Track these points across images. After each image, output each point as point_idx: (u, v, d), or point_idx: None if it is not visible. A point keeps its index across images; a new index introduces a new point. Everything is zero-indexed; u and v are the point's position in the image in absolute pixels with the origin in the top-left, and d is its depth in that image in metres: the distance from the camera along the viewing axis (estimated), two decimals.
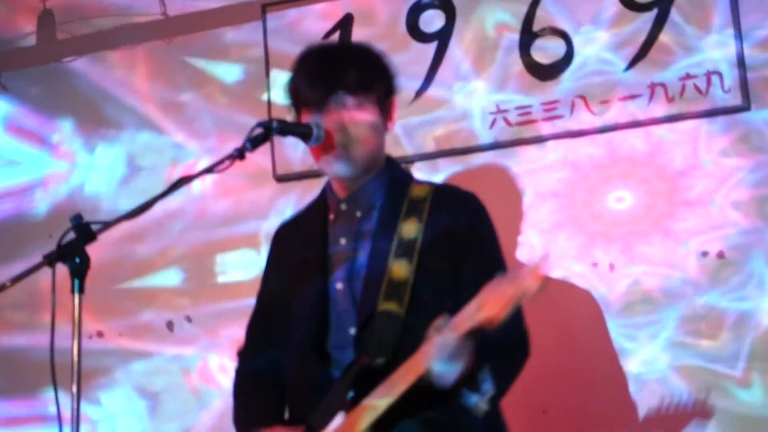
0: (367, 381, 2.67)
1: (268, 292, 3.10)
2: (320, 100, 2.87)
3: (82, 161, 5.03)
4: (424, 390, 2.59)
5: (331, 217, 2.97)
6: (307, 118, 2.89)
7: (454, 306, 2.66)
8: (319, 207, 3.02)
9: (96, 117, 5.02)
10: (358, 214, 2.93)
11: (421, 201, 2.89)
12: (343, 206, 2.95)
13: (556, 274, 4.13)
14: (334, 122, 2.85)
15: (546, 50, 4.28)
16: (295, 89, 2.95)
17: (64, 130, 5.07)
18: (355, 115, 2.86)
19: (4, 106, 5.18)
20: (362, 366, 2.73)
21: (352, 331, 2.81)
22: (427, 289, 2.79)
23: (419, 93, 4.39)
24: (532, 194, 4.25)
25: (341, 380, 2.75)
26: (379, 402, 2.63)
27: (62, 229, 2.49)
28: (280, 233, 3.15)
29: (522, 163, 4.27)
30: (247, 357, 3.12)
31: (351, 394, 2.68)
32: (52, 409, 2.39)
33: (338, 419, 2.68)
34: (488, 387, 2.65)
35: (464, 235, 2.85)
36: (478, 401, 2.64)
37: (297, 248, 3.01)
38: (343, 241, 2.91)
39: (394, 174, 2.98)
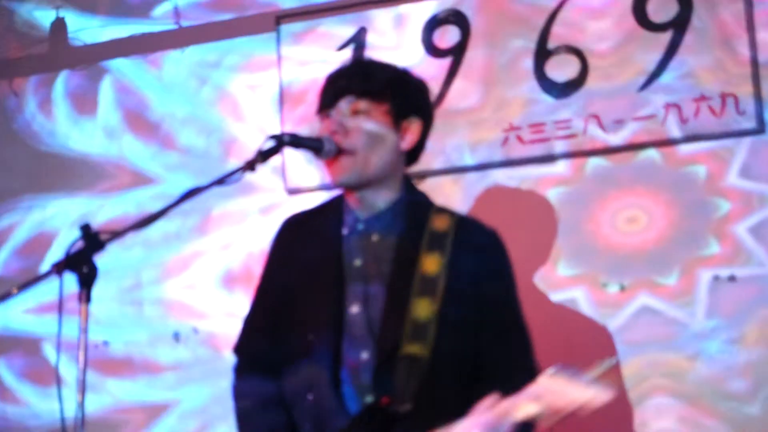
0: (386, 426, 2.64)
1: (274, 292, 2.97)
2: (330, 102, 2.87)
3: None
4: None
5: (345, 231, 2.90)
6: (322, 121, 2.88)
7: (475, 354, 2.71)
8: (333, 216, 2.94)
9: None
10: (375, 238, 2.87)
11: (444, 235, 2.84)
12: (360, 226, 2.88)
13: (564, 295, 4.12)
14: (337, 122, 2.82)
15: (560, 68, 4.26)
16: (319, 95, 2.94)
17: None
18: (360, 119, 2.83)
19: None
20: (382, 409, 2.67)
21: (365, 356, 2.75)
22: (451, 332, 2.71)
23: (433, 108, 4.36)
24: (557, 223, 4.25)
25: (359, 421, 2.69)
26: None
27: None
28: (288, 230, 3.03)
29: (534, 181, 4.25)
30: (248, 358, 3.01)
31: None
32: None
33: None
34: None
35: (486, 276, 2.81)
36: None
37: (309, 254, 2.91)
38: (358, 262, 2.85)
39: (413, 199, 2.92)
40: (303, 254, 2.93)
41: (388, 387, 2.69)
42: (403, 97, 2.90)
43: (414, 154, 2.96)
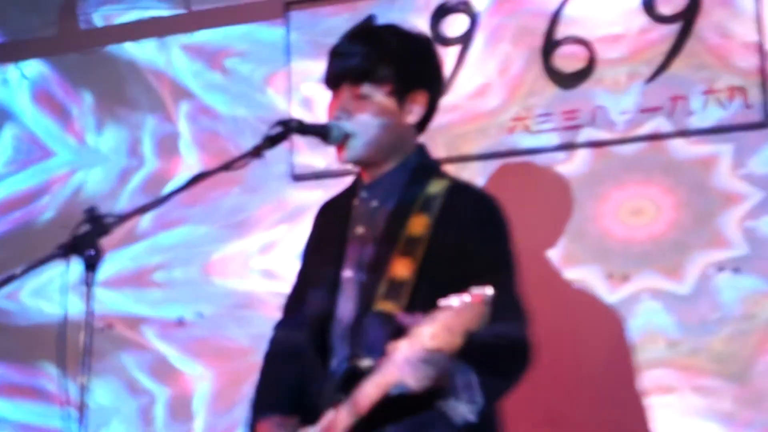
0: (355, 383, 2.64)
1: (302, 271, 3.12)
2: (333, 84, 2.93)
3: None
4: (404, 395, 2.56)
5: (356, 203, 2.97)
6: (332, 98, 2.94)
7: None
8: (350, 192, 3.04)
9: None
10: (374, 203, 2.92)
11: (435, 197, 2.86)
12: (364, 194, 2.95)
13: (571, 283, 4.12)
14: (341, 107, 2.87)
15: (568, 58, 4.26)
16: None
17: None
18: (362, 103, 2.86)
19: None
20: (351, 367, 2.71)
21: (353, 318, 2.81)
22: (428, 292, 2.66)
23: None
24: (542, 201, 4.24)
25: (332, 380, 2.75)
26: (358, 404, 2.62)
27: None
28: (320, 211, 3.16)
29: (533, 171, 4.25)
30: (279, 331, 3.13)
31: (339, 395, 2.67)
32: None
33: (328, 417, 2.68)
34: (477, 398, 2.59)
35: (473, 235, 2.80)
36: (463, 411, 2.59)
37: (325, 230, 3.05)
38: (360, 230, 2.91)
39: (419, 165, 2.95)
40: (322, 233, 3.06)
41: (360, 343, 2.73)
42: (405, 73, 2.90)
43: (424, 121, 2.99)
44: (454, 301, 2.42)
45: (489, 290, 2.40)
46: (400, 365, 2.51)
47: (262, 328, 3.24)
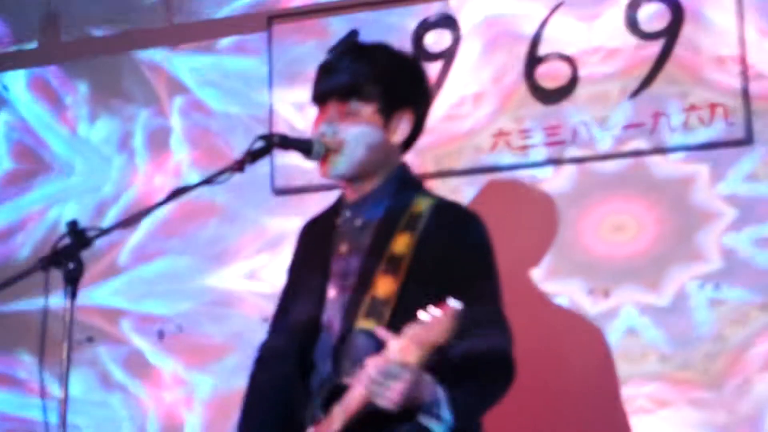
0: (335, 401, 2.64)
1: (287, 289, 3.09)
2: (320, 100, 2.91)
3: None
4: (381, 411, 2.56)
5: (338, 221, 2.96)
6: (317, 113, 2.92)
7: None
8: (333, 210, 3.02)
9: None
10: (359, 222, 2.91)
11: (419, 215, 2.85)
12: (348, 213, 2.94)
13: (553, 300, 4.12)
14: (327, 124, 2.86)
15: (550, 75, 4.26)
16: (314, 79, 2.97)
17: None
18: (348, 121, 2.85)
19: None
20: (333, 385, 2.70)
21: (335, 342, 2.80)
22: (410, 310, 2.63)
23: None
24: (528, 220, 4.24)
25: (315, 399, 2.73)
26: (333, 423, 2.62)
27: None
28: (304, 230, 3.15)
29: (519, 189, 4.25)
30: (263, 351, 3.09)
31: (320, 413, 2.67)
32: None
33: None
34: (445, 414, 2.58)
35: (457, 254, 2.80)
36: (433, 426, 2.59)
37: (310, 249, 3.03)
38: (343, 248, 2.90)
39: (403, 184, 2.95)
40: (306, 251, 3.05)
41: (343, 362, 2.73)
42: (392, 92, 2.91)
43: (410, 140, 2.99)
44: (424, 315, 2.42)
45: (457, 304, 2.41)
46: (366, 383, 2.52)
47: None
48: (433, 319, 2.42)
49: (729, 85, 4.01)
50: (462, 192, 4.25)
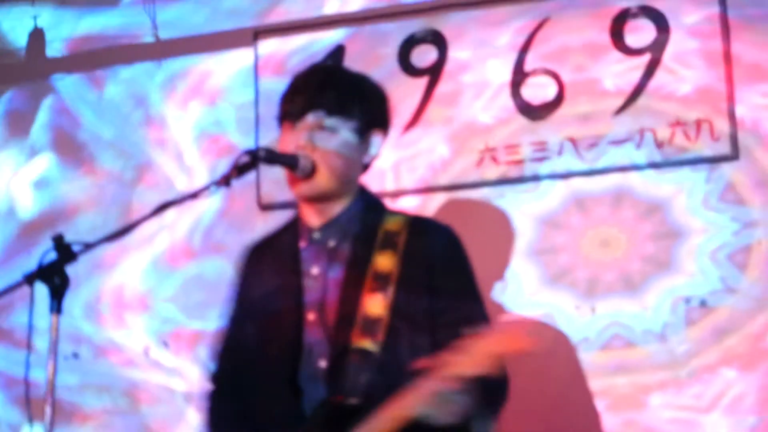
0: (338, 421, 2.63)
1: (241, 320, 2.98)
2: (298, 114, 2.85)
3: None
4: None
5: (302, 244, 2.91)
6: (285, 130, 2.88)
7: (431, 344, 2.67)
8: (291, 232, 2.96)
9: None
10: (332, 243, 2.87)
11: (396, 233, 2.85)
12: (316, 235, 2.89)
13: (535, 314, 4.12)
14: (306, 138, 2.81)
15: (537, 90, 4.27)
16: (281, 100, 2.93)
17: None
18: (327, 135, 2.82)
19: None
20: (334, 405, 2.68)
21: (323, 363, 2.77)
22: (402, 325, 2.73)
23: (408, 127, 4.38)
24: (515, 234, 4.25)
25: (312, 419, 2.70)
26: None
27: None
28: (252, 256, 3.05)
29: (508, 203, 4.26)
30: (220, 381, 3.01)
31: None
32: None
33: None
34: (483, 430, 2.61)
35: (440, 269, 2.81)
36: None
37: (269, 274, 2.94)
38: (315, 270, 2.86)
39: (367, 203, 2.93)
40: (264, 276, 2.95)
41: (340, 382, 2.70)
42: (370, 112, 2.91)
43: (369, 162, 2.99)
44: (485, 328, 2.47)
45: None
46: (427, 397, 2.51)
47: None
48: (499, 331, 2.44)
49: (715, 101, 4.03)
50: (447, 208, 4.25)
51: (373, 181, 3.02)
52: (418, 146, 4.33)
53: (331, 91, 2.86)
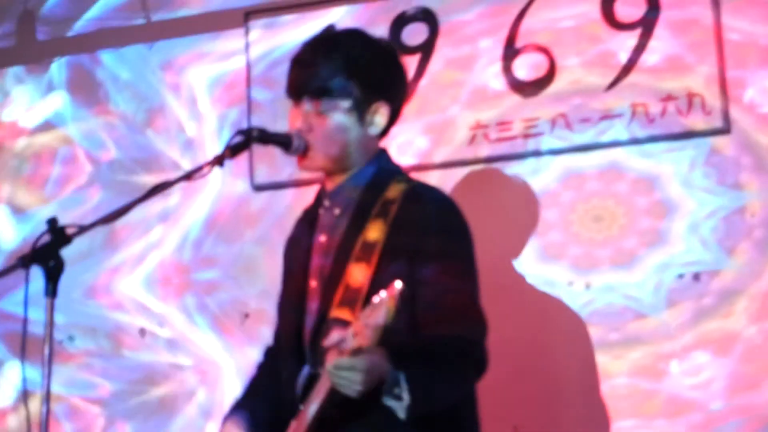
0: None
1: (282, 280, 3.06)
2: (295, 95, 2.87)
3: None
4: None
5: (321, 212, 2.94)
6: (292, 107, 2.89)
7: (409, 317, 2.65)
8: (316, 200, 3.01)
9: None
10: (337, 211, 2.88)
11: (392, 201, 2.81)
12: (327, 202, 2.92)
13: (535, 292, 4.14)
14: (303, 119, 2.83)
15: (528, 67, 4.27)
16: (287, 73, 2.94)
17: None
18: (322, 117, 2.82)
19: None
20: (310, 375, 2.69)
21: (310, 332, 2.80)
22: None
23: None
24: (509, 210, 4.25)
25: (302, 393, 2.70)
26: (308, 413, 2.61)
27: None
28: (298, 220, 3.10)
29: (500, 180, 4.26)
30: (266, 351, 3.13)
31: (300, 405, 2.67)
32: None
33: (292, 427, 2.68)
34: (404, 395, 2.53)
35: (429, 239, 2.74)
36: (394, 406, 2.55)
37: (298, 239, 3.01)
38: (322, 238, 2.88)
39: (379, 170, 2.91)
40: (298, 240, 3.01)
41: (320, 351, 2.67)
42: (367, 85, 2.86)
43: (386, 128, 2.95)
44: (375, 298, 2.38)
45: (399, 285, 2.36)
46: (330, 374, 2.49)
47: None
48: (380, 300, 2.38)
49: (706, 75, 4.03)
50: (440, 184, 4.24)
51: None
52: (410, 124, 4.32)
53: (317, 74, 2.84)
